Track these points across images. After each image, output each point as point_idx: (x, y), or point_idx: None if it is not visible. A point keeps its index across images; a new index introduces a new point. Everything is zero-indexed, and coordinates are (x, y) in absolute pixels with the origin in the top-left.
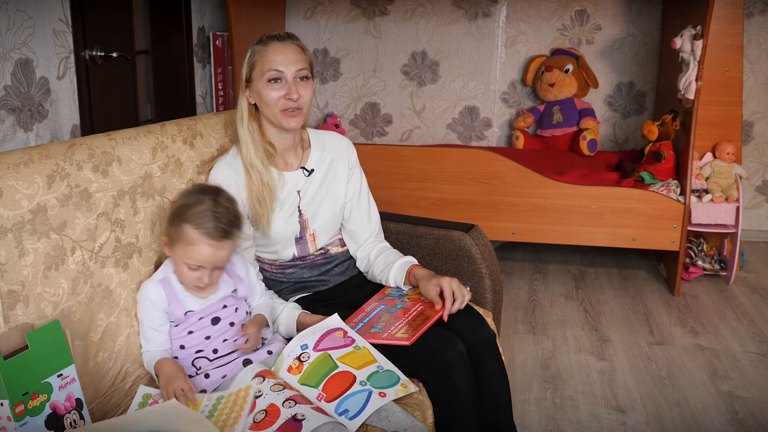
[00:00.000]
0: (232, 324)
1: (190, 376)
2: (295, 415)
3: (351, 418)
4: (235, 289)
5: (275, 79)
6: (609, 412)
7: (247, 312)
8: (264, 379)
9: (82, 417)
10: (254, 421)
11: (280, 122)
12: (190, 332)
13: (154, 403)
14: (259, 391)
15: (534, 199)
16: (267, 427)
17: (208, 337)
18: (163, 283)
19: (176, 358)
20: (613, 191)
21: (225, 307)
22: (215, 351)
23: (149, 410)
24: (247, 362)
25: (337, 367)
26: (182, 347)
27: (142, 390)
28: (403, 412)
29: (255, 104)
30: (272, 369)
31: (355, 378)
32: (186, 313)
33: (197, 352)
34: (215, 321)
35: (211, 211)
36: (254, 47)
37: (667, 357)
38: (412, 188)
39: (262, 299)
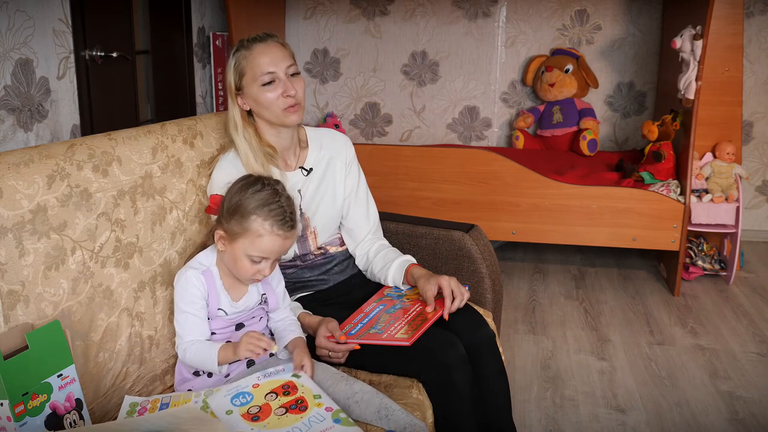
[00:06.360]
0: None
1: (196, 374)
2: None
3: None
4: (266, 298)
5: (270, 81)
6: (609, 412)
7: (267, 323)
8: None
9: (81, 417)
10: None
11: (283, 120)
12: (213, 333)
13: (143, 410)
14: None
15: (534, 199)
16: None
17: (228, 341)
18: (205, 274)
19: None
20: (613, 191)
21: (252, 317)
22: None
23: (163, 413)
24: (250, 363)
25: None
26: None
27: (128, 399)
28: (402, 411)
29: (248, 110)
30: None
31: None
32: (217, 310)
33: None
34: (238, 327)
35: (276, 202)
36: (237, 54)
37: (667, 357)
38: (412, 188)
39: (286, 314)
